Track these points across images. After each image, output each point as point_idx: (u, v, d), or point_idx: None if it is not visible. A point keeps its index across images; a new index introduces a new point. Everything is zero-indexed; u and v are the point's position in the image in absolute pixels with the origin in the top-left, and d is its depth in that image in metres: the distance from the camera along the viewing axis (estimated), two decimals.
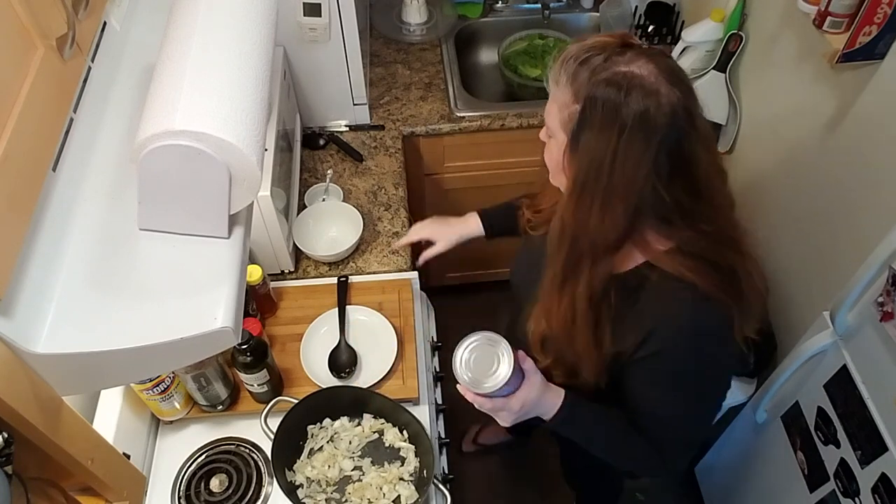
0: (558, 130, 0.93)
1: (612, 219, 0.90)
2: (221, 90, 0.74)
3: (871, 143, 1.34)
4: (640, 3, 2.09)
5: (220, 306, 0.73)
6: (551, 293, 1.00)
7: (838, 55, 1.27)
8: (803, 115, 1.55)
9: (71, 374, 0.74)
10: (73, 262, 0.74)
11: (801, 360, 1.40)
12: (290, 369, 1.42)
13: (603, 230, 0.91)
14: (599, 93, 0.86)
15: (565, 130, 0.91)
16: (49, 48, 0.70)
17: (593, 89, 0.86)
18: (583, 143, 0.88)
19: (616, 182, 0.88)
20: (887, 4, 1.18)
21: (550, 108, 0.95)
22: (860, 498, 1.27)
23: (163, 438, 1.38)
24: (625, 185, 0.88)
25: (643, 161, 0.86)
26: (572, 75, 0.89)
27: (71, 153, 0.79)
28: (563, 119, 0.92)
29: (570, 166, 0.92)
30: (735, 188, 1.91)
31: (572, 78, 0.89)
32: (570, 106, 0.89)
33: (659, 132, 0.85)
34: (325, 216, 1.66)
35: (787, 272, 1.67)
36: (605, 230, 0.91)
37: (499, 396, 0.97)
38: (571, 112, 0.89)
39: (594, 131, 0.87)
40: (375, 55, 2.11)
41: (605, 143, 0.86)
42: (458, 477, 1.49)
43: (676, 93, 0.86)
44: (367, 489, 1.26)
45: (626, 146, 0.85)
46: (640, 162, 0.86)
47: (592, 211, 0.90)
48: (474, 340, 0.96)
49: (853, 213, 1.40)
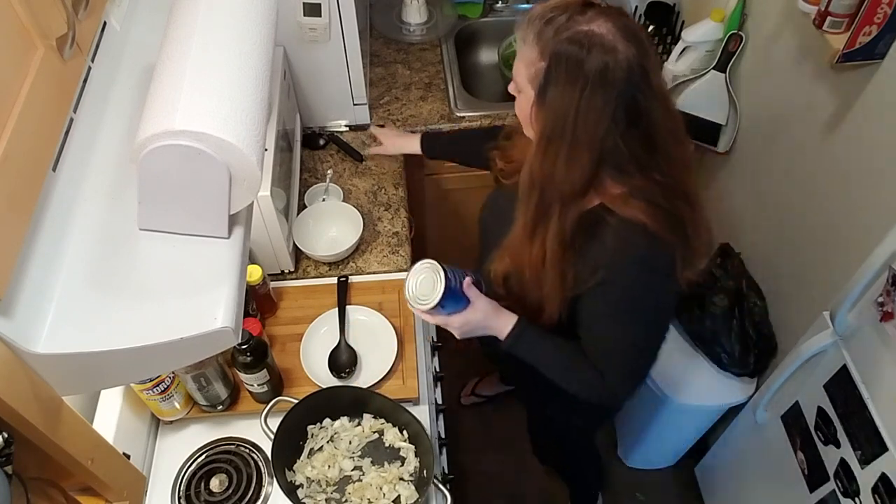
0: (526, 86, 1.00)
1: (578, 168, 0.98)
2: (221, 90, 0.74)
3: (871, 143, 1.34)
4: (640, 3, 2.09)
5: (220, 306, 0.73)
6: (523, 239, 1.08)
7: (838, 55, 1.27)
8: (803, 115, 1.55)
9: (71, 374, 0.74)
10: (73, 262, 0.74)
11: (801, 360, 1.40)
12: (290, 369, 1.42)
13: (570, 179, 0.99)
14: (563, 50, 0.93)
15: (533, 86, 0.98)
16: (49, 48, 0.70)
17: (557, 47, 0.93)
18: (549, 98, 0.95)
19: (580, 134, 0.95)
20: (887, 4, 1.18)
21: (518, 65, 1.01)
22: (860, 498, 1.27)
23: (163, 438, 1.38)
24: (588, 136, 0.95)
25: (604, 114, 0.93)
26: (538, 34, 0.96)
27: (71, 153, 0.79)
28: (530, 75, 0.98)
29: (537, 119, 0.99)
30: (735, 188, 1.93)
31: (538, 36, 0.96)
32: (537, 63, 0.96)
33: (616, 87, 0.92)
34: (325, 216, 1.66)
35: (787, 272, 1.67)
36: (572, 179, 0.99)
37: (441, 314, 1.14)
38: (538, 69, 0.96)
39: (559, 87, 0.94)
40: (375, 55, 2.11)
41: (569, 97, 0.93)
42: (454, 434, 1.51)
43: (632, 49, 0.93)
44: (367, 489, 1.26)
45: (588, 100, 0.92)
46: (600, 115, 0.93)
47: (559, 161, 0.98)
48: (425, 266, 1.12)
49: (853, 213, 1.40)
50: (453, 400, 2.35)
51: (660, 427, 1.95)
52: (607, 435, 2.31)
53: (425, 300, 1.10)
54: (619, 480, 2.23)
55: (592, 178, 1.00)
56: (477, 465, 2.24)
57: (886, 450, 1.19)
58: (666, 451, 2.17)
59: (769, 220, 1.75)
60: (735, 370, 1.75)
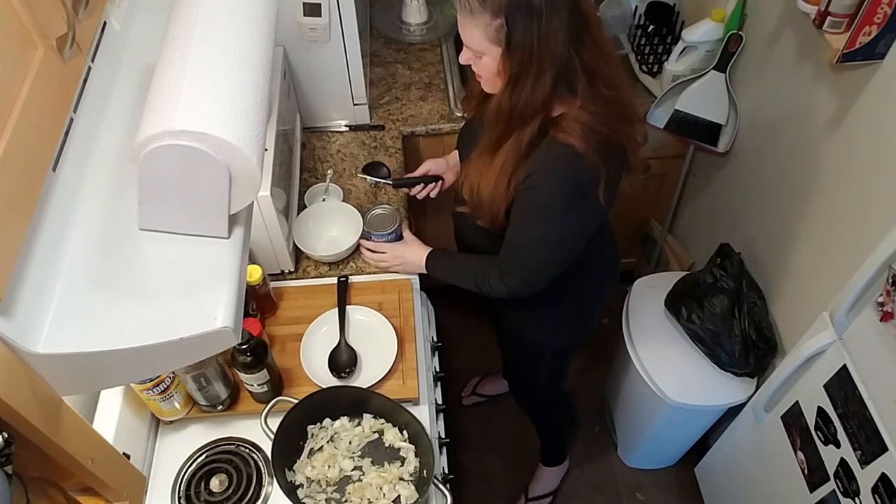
0: (490, 47, 1.11)
1: (542, 88, 1.10)
2: (221, 90, 0.74)
3: (871, 143, 1.34)
4: (640, 3, 2.09)
5: (220, 306, 0.73)
6: (485, 156, 1.23)
7: (838, 55, 1.27)
8: (803, 115, 1.55)
9: (71, 374, 0.74)
10: (73, 262, 0.74)
11: (801, 360, 1.40)
12: (290, 369, 1.42)
13: (533, 99, 1.12)
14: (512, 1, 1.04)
15: (496, 42, 1.10)
16: (49, 48, 0.70)
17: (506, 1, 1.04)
18: (515, 44, 1.07)
19: (545, 57, 1.08)
20: (887, 4, 1.18)
21: (472, 33, 1.11)
22: (860, 498, 1.27)
23: (163, 438, 1.38)
24: (551, 56, 1.08)
25: (561, 30, 1.06)
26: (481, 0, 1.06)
27: (71, 153, 0.79)
28: (490, 36, 1.09)
29: (506, 66, 1.11)
30: (735, 188, 1.93)
31: (482, 2, 1.06)
32: (493, 22, 1.07)
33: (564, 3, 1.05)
34: (325, 216, 1.66)
35: (787, 272, 1.67)
36: (536, 99, 1.11)
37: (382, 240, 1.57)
38: (497, 26, 1.07)
39: (520, 29, 1.06)
40: (375, 55, 2.11)
41: (531, 33, 1.06)
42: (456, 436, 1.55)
43: None
44: (367, 489, 1.26)
45: (547, 25, 1.05)
46: (558, 32, 1.06)
47: (525, 88, 1.11)
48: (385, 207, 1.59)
49: (853, 212, 1.40)
50: (453, 400, 2.35)
51: (660, 427, 1.95)
52: (607, 435, 2.32)
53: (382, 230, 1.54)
54: (619, 480, 2.23)
55: (553, 95, 1.12)
56: (477, 465, 2.24)
57: (886, 450, 1.19)
58: (666, 451, 2.17)
59: (769, 220, 1.75)
60: (735, 370, 1.75)
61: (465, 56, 1.18)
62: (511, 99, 1.13)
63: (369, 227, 1.56)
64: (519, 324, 1.62)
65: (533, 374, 1.79)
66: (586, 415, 2.35)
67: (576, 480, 2.23)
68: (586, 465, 2.26)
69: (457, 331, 2.40)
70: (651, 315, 1.90)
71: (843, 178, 1.43)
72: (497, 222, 1.28)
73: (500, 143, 1.20)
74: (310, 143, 1.87)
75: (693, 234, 2.24)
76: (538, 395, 1.92)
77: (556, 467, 2.17)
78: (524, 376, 1.89)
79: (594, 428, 2.34)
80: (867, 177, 1.36)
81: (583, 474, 2.24)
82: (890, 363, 1.17)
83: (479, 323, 2.33)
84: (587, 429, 2.34)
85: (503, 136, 1.19)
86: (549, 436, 2.12)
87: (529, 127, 1.15)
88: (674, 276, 1.91)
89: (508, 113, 1.15)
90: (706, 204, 2.13)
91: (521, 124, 1.15)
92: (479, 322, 2.32)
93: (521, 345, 1.70)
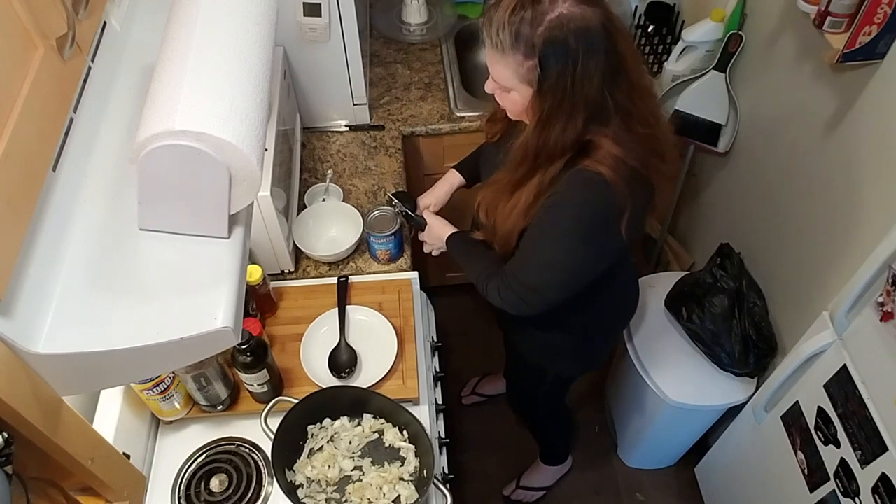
0: (520, 85, 1.07)
1: (573, 130, 1.07)
2: (221, 90, 0.74)
3: (871, 142, 1.34)
4: (640, 3, 2.09)
5: (220, 306, 0.73)
6: (505, 191, 1.19)
7: (838, 55, 1.27)
8: (803, 115, 1.55)
9: (71, 374, 0.74)
10: (73, 262, 0.74)
11: (801, 360, 1.40)
12: (290, 369, 1.42)
13: (563, 140, 1.08)
14: (546, 41, 1.00)
15: (528, 83, 1.05)
16: (49, 48, 0.70)
17: (539, 42, 1.00)
18: (548, 86, 1.03)
19: (577, 101, 1.04)
20: (887, 4, 1.18)
21: (502, 71, 1.07)
22: (860, 498, 1.27)
23: (163, 438, 1.38)
24: (584, 100, 1.04)
25: (596, 74, 1.02)
26: (514, 38, 1.01)
27: (71, 153, 0.79)
28: (521, 76, 1.05)
29: (536, 106, 1.07)
30: (735, 188, 1.93)
31: (514, 41, 1.01)
32: (525, 63, 1.03)
33: (600, 47, 1.01)
34: (326, 216, 1.66)
35: (787, 272, 1.67)
36: (566, 140, 1.08)
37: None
38: (529, 67, 1.03)
39: (555, 72, 1.01)
40: (375, 55, 2.11)
41: (565, 77, 1.01)
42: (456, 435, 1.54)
43: (596, 9, 1.02)
44: (367, 489, 1.26)
45: (583, 69, 1.01)
46: (593, 76, 1.02)
47: (555, 130, 1.07)
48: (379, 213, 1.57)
49: (853, 213, 1.40)
50: (453, 400, 2.35)
51: (660, 427, 1.95)
52: (607, 435, 2.31)
53: (382, 232, 1.53)
54: (619, 480, 2.23)
55: (583, 136, 1.08)
56: (477, 465, 2.24)
57: (886, 450, 1.18)
58: (666, 451, 2.17)
59: (769, 220, 1.74)
60: (735, 370, 1.75)
61: (491, 87, 1.14)
62: (539, 139, 1.09)
63: (369, 229, 1.55)
64: (522, 344, 1.60)
65: (532, 391, 1.77)
66: (586, 415, 2.35)
67: (576, 480, 2.23)
68: (586, 465, 2.26)
69: (457, 331, 2.40)
70: (651, 315, 1.90)
71: (843, 177, 1.43)
72: (509, 250, 1.25)
73: (523, 181, 1.16)
74: (310, 143, 1.87)
75: (693, 234, 2.24)
76: (535, 409, 1.91)
77: (554, 466, 2.17)
78: (523, 390, 1.87)
79: (594, 428, 2.34)
80: (867, 176, 1.36)
81: (583, 474, 2.24)
82: (890, 363, 1.17)
83: (479, 323, 2.33)
84: (587, 429, 2.34)
85: (527, 174, 1.15)
86: (544, 441, 2.12)
87: (555, 165, 1.11)
88: (674, 276, 1.92)
89: (535, 153, 1.11)
90: (706, 204, 2.13)
91: (548, 163, 1.12)
92: (479, 322, 2.31)
93: (524, 363, 1.67)
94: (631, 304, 1.55)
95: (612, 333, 1.62)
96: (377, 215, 1.56)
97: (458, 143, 1.96)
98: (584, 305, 1.36)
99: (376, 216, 1.56)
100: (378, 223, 1.56)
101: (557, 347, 1.52)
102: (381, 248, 1.58)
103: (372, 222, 1.56)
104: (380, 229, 1.55)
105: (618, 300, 1.50)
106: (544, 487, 2.18)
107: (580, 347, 1.53)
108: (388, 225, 1.55)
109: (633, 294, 1.54)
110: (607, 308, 1.47)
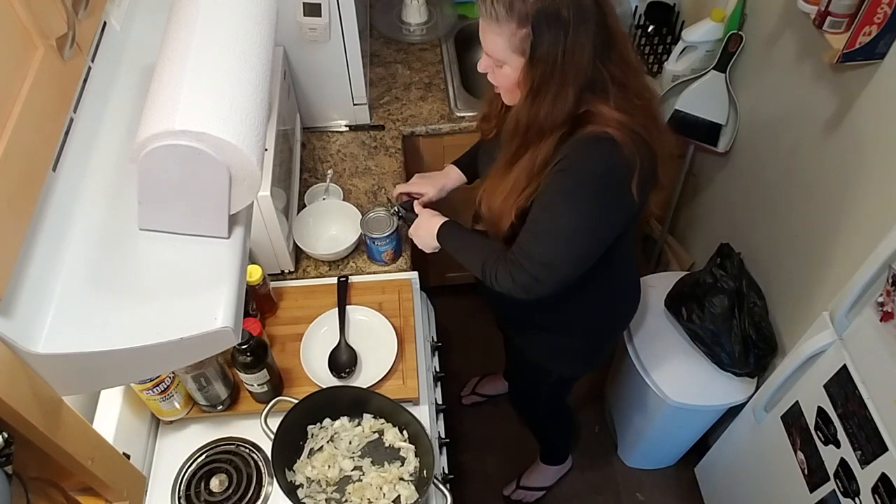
0: (512, 56, 1.08)
1: (563, 103, 1.07)
2: (221, 90, 0.74)
3: (871, 142, 1.34)
4: (640, 3, 2.09)
5: (220, 306, 0.73)
6: (500, 173, 1.20)
7: (838, 55, 1.27)
8: (803, 115, 1.55)
9: (71, 374, 0.74)
10: (73, 262, 0.74)
11: (801, 360, 1.40)
12: (290, 369, 1.42)
13: (553, 114, 1.08)
14: (539, 10, 1.02)
15: (520, 52, 1.07)
16: (49, 48, 0.70)
17: (532, 10, 1.02)
18: (540, 54, 1.04)
19: (568, 71, 1.05)
20: (887, 4, 1.18)
21: (496, 41, 1.08)
22: (860, 498, 1.27)
23: (163, 438, 1.38)
24: (575, 71, 1.05)
25: (587, 45, 1.04)
26: (508, 8, 1.03)
27: (71, 153, 0.78)
28: (514, 45, 1.06)
29: (527, 77, 1.08)
30: (735, 188, 1.93)
31: (508, 10, 1.03)
32: (518, 32, 1.04)
33: (592, 17, 1.03)
34: (326, 215, 1.66)
35: (787, 272, 1.67)
36: (555, 113, 1.08)
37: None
38: (522, 35, 1.04)
39: (546, 40, 1.03)
40: (375, 55, 2.11)
41: (556, 44, 1.03)
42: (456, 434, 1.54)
43: None
44: (367, 489, 1.26)
45: (574, 39, 1.02)
46: (584, 47, 1.04)
47: (546, 101, 1.07)
48: (375, 214, 1.57)
49: (853, 213, 1.40)
50: (453, 400, 2.35)
51: (660, 427, 1.95)
52: (607, 435, 2.31)
53: (379, 233, 1.53)
54: (619, 480, 2.23)
55: (575, 110, 1.09)
56: (477, 465, 2.24)
57: (886, 450, 1.18)
58: (666, 451, 2.17)
59: (769, 220, 1.75)
60: (735, 370, 1.75)
61: (484, 64, 1.15)
62: (530, 112, 1.09)
63: (366, 230, 1.55)
64: (524, 345, 1.59)
65: (534, 390, 1.77)
66: (586, 415, 2.35)
67: (576, 480, 2.23)
68: (586, 465, 2.26)
69: (457, 331, 2.40)
70: (651, 315, 1.90)
71: (843, 177, 1.43)
72: (500, 232, 1.24)
73: (515, 158, 1.16)
74: (310, 143, 1.87)
75: (693, 234, 2.24)
76: (537, 409, 1.91)
77: (554, 466, 2.18)
78: (525, 389, 1.87)
79: (594, 428, 2.34)
80: (867, 176, 1.36)
81: (583, 474, 2.24)
82: (890, 363, 1.17)
83: (479, 323, 2.33)
84: (587, 429, 2.34)
85: (519, 151, 1.15)
86: (546, 440, 2.12)
87: (545, 144, 1.11)
88: (674, 276, 1.92)
89: (526, 126, 1.11)
90: (706, 204, 2.13)
91: (538, 139, 1.12)
92: (479, 322, 2.31)
93: (526, 363, 1.67)
94: (632, 304, 1.55)
95: (613, 333, 1.62)
96: (373, 217, 1.57)
97: (458, 143, 1.96)
98: (586, 305, 1.36)
99: (373, 217, 1.57)
100: (374, 224, 1.56)
101: (559, 347, 1.52)
102: (384, 250, 1.57)
103: (369, 223, 1.56)
104: (376, 230, 1.55)
105: (619, 299, 1.50)
106: (544, 487, 2.18)
107: (582, 347, 1.53)
108: (384, 226, 1.55)
109: (635, 293, 1.54)
110: (609, 308, 1.48)
